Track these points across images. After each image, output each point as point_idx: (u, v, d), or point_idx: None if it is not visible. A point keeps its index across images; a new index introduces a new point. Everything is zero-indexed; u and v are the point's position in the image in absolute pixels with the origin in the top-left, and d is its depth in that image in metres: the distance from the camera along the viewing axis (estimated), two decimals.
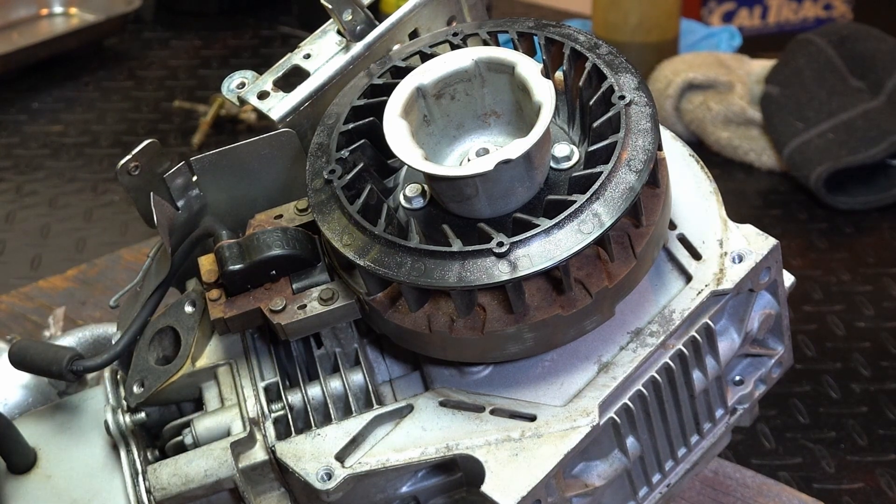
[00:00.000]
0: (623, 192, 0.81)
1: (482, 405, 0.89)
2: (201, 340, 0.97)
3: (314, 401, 0.94)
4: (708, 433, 1.01)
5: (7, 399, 1.12)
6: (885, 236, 1.69)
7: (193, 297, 0.99)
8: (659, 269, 0.94)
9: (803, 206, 1.78)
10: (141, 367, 0.98)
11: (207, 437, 0.93)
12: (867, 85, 1.83)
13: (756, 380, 1.02)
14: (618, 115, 0.85)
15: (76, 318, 1.51)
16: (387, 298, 0.86)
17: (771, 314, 0.98)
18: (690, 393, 0.95)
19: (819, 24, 2.57)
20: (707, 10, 2.61)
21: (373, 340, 0.97)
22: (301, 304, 0.90)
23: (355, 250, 0.83)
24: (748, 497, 1.19)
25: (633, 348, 0.90)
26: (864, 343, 1.48)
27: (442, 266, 0.81)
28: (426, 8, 1.02)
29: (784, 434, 1.33)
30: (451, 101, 0.90)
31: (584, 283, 0.84)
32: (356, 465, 0.88)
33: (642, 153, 0.83)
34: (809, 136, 1.78)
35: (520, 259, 0.80)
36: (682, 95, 1.90)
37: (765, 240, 0.93)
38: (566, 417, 0.87)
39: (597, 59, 0.88)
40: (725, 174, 1.86)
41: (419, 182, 0.90)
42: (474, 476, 0.87)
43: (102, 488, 0.98)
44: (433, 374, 0.92)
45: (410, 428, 0.89)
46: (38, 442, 1.01)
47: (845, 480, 1.27)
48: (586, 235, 0.80)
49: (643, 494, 0.98)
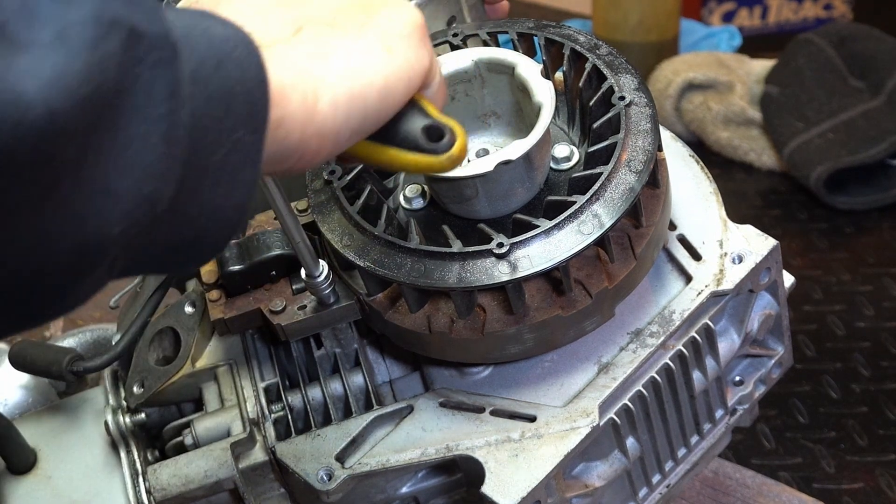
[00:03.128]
0: (623, 193, 0.81)
1: (482, 406, 0.89)
2: (201, 341, 0.97)
3: (314, 401, 0.94)
4: (708, 434, 1.01)
5: (7, 399, 1.13)
6: (885, 236, 1.69)
7: (193, 298, 0.99)
8: (659, 269, 0.94)
9: (803, 206, 1.78)
10: (141, 368, 0.98)
11: (207, 437, 0.93)
12: (867, 85, 1.83)
13: (756, 380, 1.02)
14: (618, 115, 0.85)
15: (76, 318, 1.51)
16: (387, 299, 0.86)
17: (771, 314, 0.98)
18: (690, 393, 0.95)
19: (819, 24, 2.57)
20: (707, 10, 2.61)
21: (373, 341, 0.97)
22: (301, 305, 0.90)
23: (355, 251, 0.83)
24: (748, 497, 1.19)
25: (632, 349, 0.90)
26: (864, 343, 1.48)
27: (442, 267, 0.81)
28: (426, 8, 1.02)
29: (784, 434, 1.33)
30: (451, 101, 0.90)
31: (584, 283, 0.84)
32: (356, 466, 0.88)
33: (642, 154, 0.83)
34: (809, 136, 1.78)
35: (520, 260, 0.80)
36: (682, 95, 1.90)
37: (765, 240, 0.93)
38: (566, 418, 0.86)
39: (597, 59, 0.88)
40: (725, 174, 1.86)
41: (419, 183, 0.90)
42: (474, 477, 0.87)
43: (102, 489, 0.98)
44: (433, 375, 0.92)
45: (410, 429, 0.89)
46: (38, 442, 1.01)
47: (845, 480, 1.27)
48: (586, 236, 0.80)
49: (643, 495, 0.98)
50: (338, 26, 0.65)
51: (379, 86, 0.64)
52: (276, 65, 0.59)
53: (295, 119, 0.60)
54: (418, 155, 0.67)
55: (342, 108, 0.62)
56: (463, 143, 0.68)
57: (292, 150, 0.61)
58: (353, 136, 0.64)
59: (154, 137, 0.52)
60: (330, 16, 0.65)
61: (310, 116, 0.61)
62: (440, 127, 0.67)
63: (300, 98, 0.60)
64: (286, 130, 0.60)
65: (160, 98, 0.52)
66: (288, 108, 0.60)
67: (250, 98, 0.57)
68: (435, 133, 0.67)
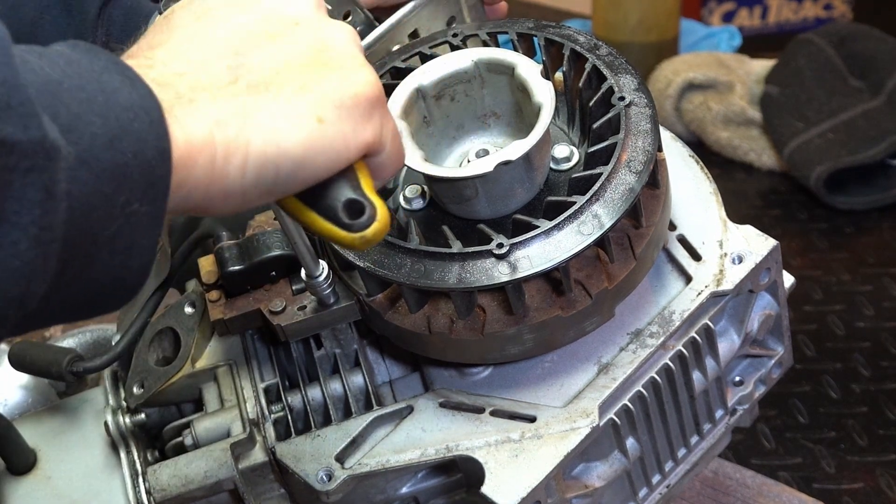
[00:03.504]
0: (623, 194, 0.81)
1: (482, 406, 0.89)
2: (201, 341, 0.97)
3: (314, 402, 0.94)
4: (708, 434, 1.00)
5: (7, 400, 1.13)
6: (885, 236, 1.69)
7: (193, 299, 0.99)
8: (659, 269, 0.94)
9: (803, 206, 1.78)
10: (141, 368, 0.98)
11: (207, 438, 0.93)
12: (867, 85, 1.83)
13: (756, 380, 1.02)
14: (617, 116, 0.85)
15: None
16: (386, 300, 0.86)
17: (771, 315, 0.98)
18: (690, 394, 0.95)
19: (819, 24, 2.57)
20: (707, 10, 2.61)
21: (372, 341, 0.97)
22: (301, 306, 0.90)
23: (355, 251, 0.83)
24: (748, 497, 1.19)
25: (632, 349, 0.90)
26: (864, 343, 1.48)
27: (442, 267, 0.81)
28: (426, 8, 1.02)
29: (784, 434, 1.33)
30: (450, 102, 0.90)
31: (583, 284, 0.83)
32: (356, 466, 0.88)
33: (642, 154, 0.83)
34: (809, 136, 1.78)
35: (519, 260, 0.80)
36: (682, 95, 1.90)
37: (765, 241, 0.93)
38: (566, 419, 0.86)
39: (597, 60, 0.88)
40: (725, 174, 1.86)
41: (419, 183, 0.90)
42: (474, 477, 0.87)
43: (102, 489, 0.98)
44: (433, 375, 0.92)
45: (410, 429, 0.89)
46: (37, 443, 1.01)
47: (845, 480, 1.27)
48: (586, 237, 0.80)
49: (643, 495, 0.98)
50: (275, 85, 0.62)
51: (296, 155, 0.61)
52: (190, 121, 0.59)
53: (199, 180, 0.59)
54: (334, 227, 0.65)
55: (251, 173, 0.61)
56: (381, 227, 0.65)
57: (195, 205, 0.61)
58: (264, 197, 0.63)
59: (24, 244, 0.52)
60: (273, 71, 0.63)
61: (215, 178, 0.60)
62: (363, 204, 0.65)
63: (208, 160, 0.59)
64: (188, 190, 0.59)
65: (32, 203, 0.52)
66: (193, 170, 0.59)
67: (148, 170, 0.56)
68: (356, 209, 0.65)
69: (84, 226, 0.55)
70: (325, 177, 0.64)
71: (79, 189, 0.54)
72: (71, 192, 0.53)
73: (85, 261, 0.56)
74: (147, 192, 0.57)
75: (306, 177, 0.63)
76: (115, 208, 0.56)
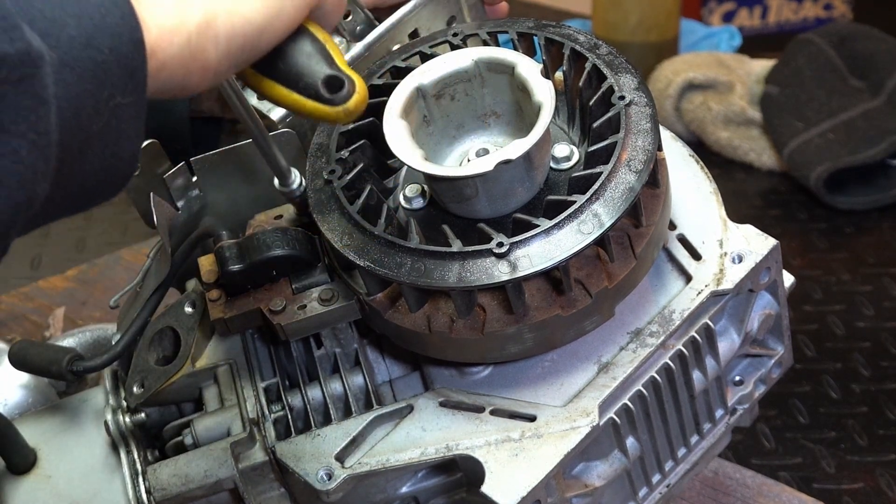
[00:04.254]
0: (623, 193, 0.81)
1: (482, 405, 0.89)
2: (201, 341, 0.97)
3: (314, 401, 0.94)
4: (708, 433, 1.00)
5: (7, 399, 1.13)
6: (885, 236, 1.69)
7: (193, 298, 0.99)
8: (659, 269, 0.94)
9: (803, 206, 1.78)
10: (141, 368, 0.98)
11: (207, 437, 0.93)
12: (867, 85, 1.83)
13: (756, 380, 1.02)
14: (618, 115, 0.85)
15: (76, 318, 1.51)
16: (386, 299, 0.86)
17: (771, 314, 0.98)
18: (690, 393, 0.95)
19: (819, 24, 2.57)
20: (707, 10, 2.61)
21: (373, 341, 0.97)
22: (301, 305, 0.90)
23: (355, 251, 0.83)
24: (748, 497, 1.19)
25: (632, 349, 0.90)
26: (864, 343, 1.48)
27: (442, 266, 0.81)
28: (426, 8, 1.02)
29: (784, 434, 1.33)
30: (450, 101, 0.90)
31: (583, 283, 0.84)
32: (356, 466, 0.88)
33: (642, 153, 0.83)
34: (809, 136, 1.78)
35: (520, 259, 0.80)
36: (682, 95, 1.90)
37: (765, 240, 0.93)
38: (566, 418, 0.86)
39: (597, 59, 0.88)
40: (725, 174, 1.86)
41: (419, 182, 0.90)
42: (474, 476, 0.87)
43: (102, 488, 0.98)
44: (433, 375, 0.92)
45: (410, 428, 0.89)
46: (38, 442, 1.01)
47: (845, 480, 1.27)
48: (586, 236, 0.80)
49: (643, 495, 0.98)
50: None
51: (257, 22, 0.67)
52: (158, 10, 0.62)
53: (177, 61, 0.63)
54: (316, 103, 0.70)
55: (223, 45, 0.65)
56: (361, 98, 0.71)
57: (175, 86, 0.65)
58: (233, 68, 0.68)
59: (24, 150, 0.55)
60: None
61: (195, 56, 0.64)
62: (341, 78, 0.70)
63: (184, 40, 0.63)
64: (169, 73, 0.64)
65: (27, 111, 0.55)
66: (169, 51, 0.63)
67: (126, 62, 0.60)
68: (336, 84, 0.70)
69: (75, 125, 0.58)
70: (283, 38, 0.69)
71: (65, 91, 0.57)
72: (59, 94, 0.57)
73: (79, 157, 0.59)
74: (128, 85, 0.60)
75: (269, 39, 0.69)
76: (100, 104, 0.59)
